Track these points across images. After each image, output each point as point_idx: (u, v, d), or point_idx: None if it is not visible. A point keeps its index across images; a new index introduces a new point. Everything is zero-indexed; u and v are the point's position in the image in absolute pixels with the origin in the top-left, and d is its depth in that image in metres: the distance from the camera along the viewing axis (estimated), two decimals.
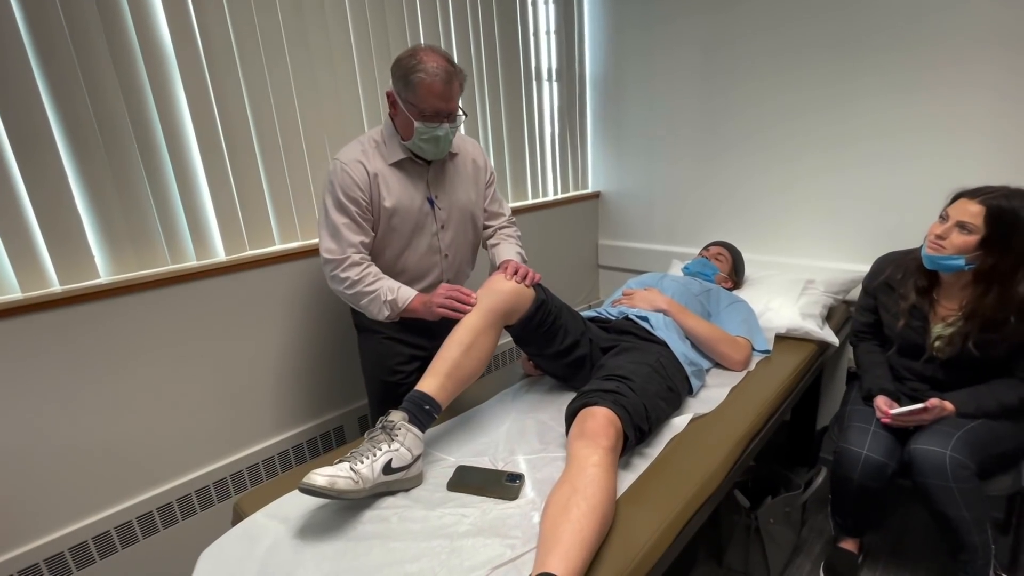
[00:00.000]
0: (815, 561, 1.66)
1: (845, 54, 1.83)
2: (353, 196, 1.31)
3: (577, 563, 0.81)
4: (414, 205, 1.39)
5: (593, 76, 2.52)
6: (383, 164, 1.35)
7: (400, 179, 1.37)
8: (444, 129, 1.31)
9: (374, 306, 1.33)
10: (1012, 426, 1.38)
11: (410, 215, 1.39)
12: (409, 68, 1.25)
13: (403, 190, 1.37)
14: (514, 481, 1.07)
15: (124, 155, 1.31)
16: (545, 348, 1.34)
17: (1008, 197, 1.27)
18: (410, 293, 1.34)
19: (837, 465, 1.45)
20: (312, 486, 0.92)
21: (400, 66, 1.27)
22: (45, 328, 1.23)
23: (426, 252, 1.44)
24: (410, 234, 1.41)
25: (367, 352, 1.52)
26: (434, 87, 1.25)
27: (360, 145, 1.36)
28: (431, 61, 1.25)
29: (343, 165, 1.31)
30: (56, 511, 1.29)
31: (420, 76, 1.24)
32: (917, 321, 1.45)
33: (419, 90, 1.25)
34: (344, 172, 1.31)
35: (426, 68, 1.24)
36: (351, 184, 1.31)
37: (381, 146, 1.36)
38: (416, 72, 1.24)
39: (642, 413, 1.14)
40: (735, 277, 1.96)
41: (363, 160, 1.33)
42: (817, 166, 1.98)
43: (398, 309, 1.33)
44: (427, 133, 1.30)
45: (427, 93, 1.25)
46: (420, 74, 1.24)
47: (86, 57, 1.23)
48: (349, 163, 1.31)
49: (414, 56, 1.25)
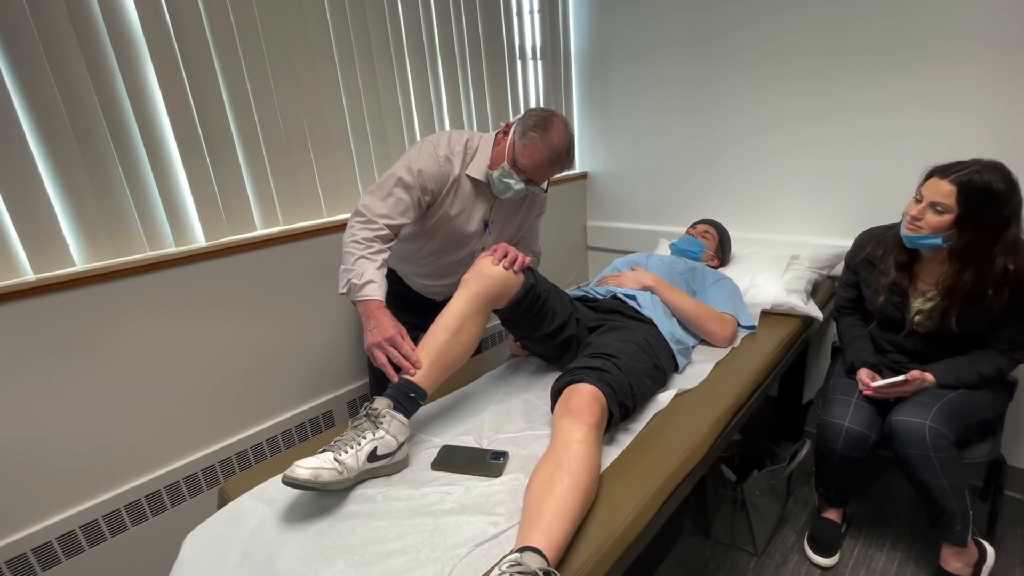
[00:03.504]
0: (800, 531, 1.70)
1: (831, 29, 1.82)
2: (423, 183, 1.35)
3: (559, 537, 0.81)
4: (471, 223, 1.47)
5: (578, 54, 2.48)
6: (462, 171, 1.41)
7: (469, 193, 1.44)
8: (521, 187, 1.39)
9: (342, 277, 1.33)
10: (990, 395, 1.41)
11: (464, 230, 1.46)
12: (538, 124, 1.34)
13: (469, 205, 1.45)
14: (498, 459, 1.08)
15: (95, 140, 1.27)
16: (533, 331, 1.34)
17: (980, 172, 1.25)
18: (372, 295, 1.27)
19: (820, 437, 1.47)
20: (295, 479, 0.91)
21: (533, 116, 1.36)
22: (19, 317, 1.20)
23: (458, 263, 1.51)
24: (455, 244, 1.48)
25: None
26: (539, 155, 1.34)
27: (459, 143, 1.41)
28: (556, 135, 1.34)
29: (435, 151, 1.36)
30: (43, 500, 1.28)
31: (536, 138, 1.33)
32: (897, 296, 1.46)
33: (528, 147, 1.34)
34: (429, 158, 1.35)
35: (548, 137, 1.33)
36: (431, 172, 1.35)
37: (476, 153, 1.43)
38: (539, 131, 1.33)
39: (627, 390, 1.14)
40: (722, 255, 1.96)
41: (452, 158, 1.39)
42: (802, 142, 1.97)
43: (353, 297, 1.30)
44: (507, 178, 1.38)
45: (531, 154, 1.35)
46: (538, 137, 1.33)
47: (50, 39, 1.19)
48: (441, 154, 1.37)
49: (550, 120, 1.35)
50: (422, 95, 1.93)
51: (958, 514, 1.32)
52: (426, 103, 1.95)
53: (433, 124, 1.98)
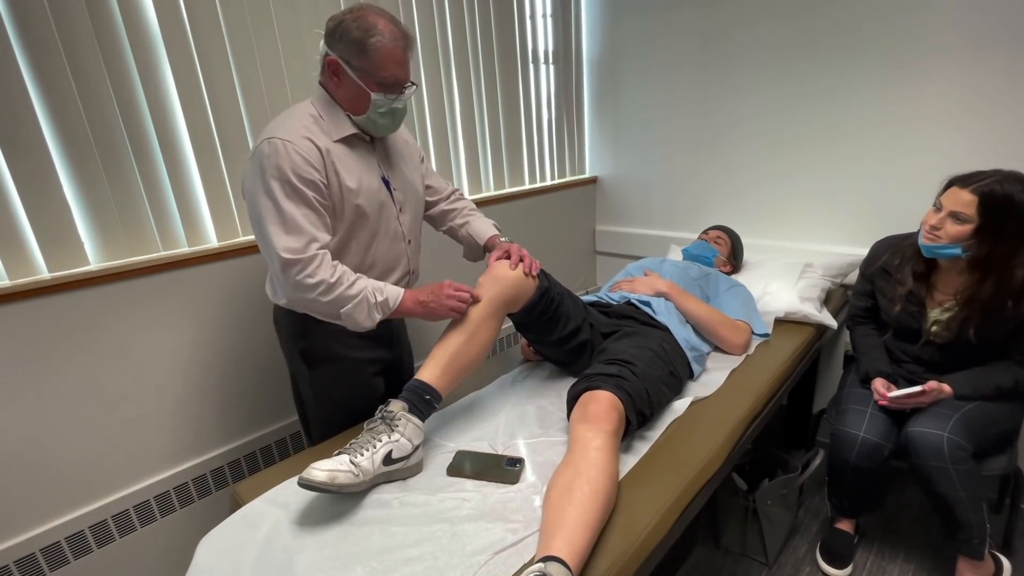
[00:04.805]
0: (811, 542, 1.68)
1: (842, 45, 1.82)
2: (308, 178, 1.08)
3: (581, 546, 0.80)
4: (373, 186, 1.20)
5: (590, 59, 2.48)
6: (328, 141, 1.13)
7: (352, 157, 1.17)
8: (403, 101, 1.17)
9: (359, 312, 1.12)
10: (1007, 407, 1.39)
11: (374, 197, 1.20)
12: (364, 31, 1.08)
13: (360, 169, 1.18)
14: (514, 465, 1.07)
15: (112, 140, 1.27)
16: (547, 335, 1.33)
17: (1001, 182, 1.24)
18: (397, 291, 1.17)
19: (834, 447, 1.46)
20: (311, 481, 0.90)
21: (347, 29, 1.09)
22: (34, 316, 1.20)
23: (392, 240, 1.26)
24: (376, 220, 1.21)
25: (329, 386, 1.28)
26: (395, 53, 1.11)
27: (296, 120, 1.12)
28: (385, 25, 1.10)
29: (286, 143, 1.06)
30: (53, 500, 1.28)
31: (379, 41, 1.08)
32: (914, 306, 1.45)
33: (378, 57, 1.09)
34: (291, 151, 1.06)
35: (383, 32, 1.09)
36: (303, 164, 1.07)
37: (320, 121, 1.14)
38: (373, 36, 1.08)
39: (644, 397, 1.13)
40: (734, 261, 1.96)
41: (309, 136, 1.10)
42: (815, 151, 1.97)
43: (389, 311, 1.15)
44: (385, 106, 1.14)
45: (388, 60, 1.10)
46: (378, 38, 1.08)
47: (71, 39, 1.19)
48: (294, 140, 1.07)
49: (364, 18, 1.09)
50: (435, 98, 1.93)
51: (975, 527, 1.31)
52: (439, 106, 1.95)
53: (446, 126, 1.98)
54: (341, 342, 1.24)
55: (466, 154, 2.08)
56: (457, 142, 2.05)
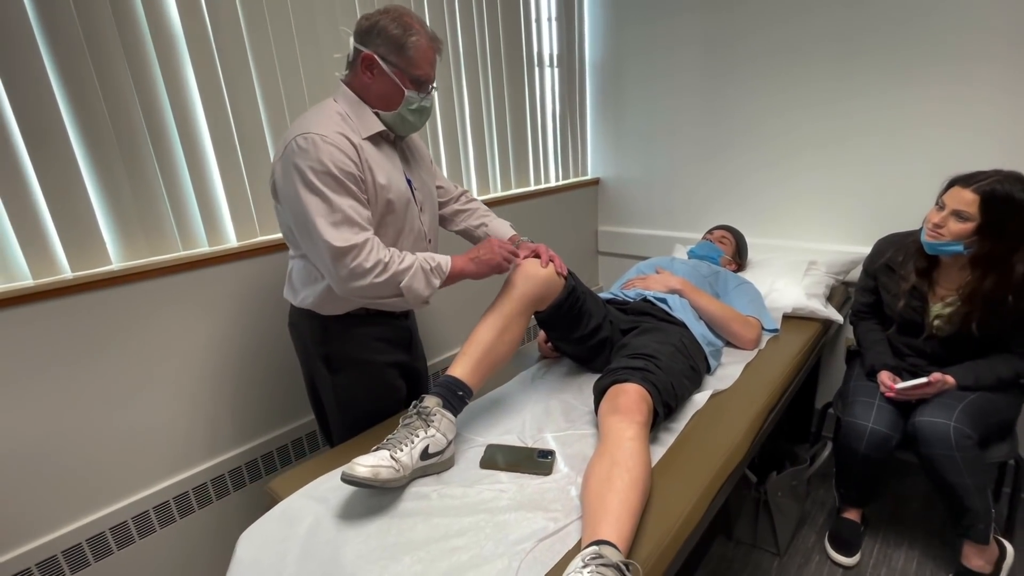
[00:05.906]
0: (819, 531, 1.73)
1: (843, 50, 1.87)
2: (348, 171, 1.09)
3: (627, 531, 0.83)
4: (401, 184, 1.22)
5: (593, 62, 2.52)
6: (358, 138, 1.15)
7: (380, 155, 1.19)
8: (430, 100, 1.22)
9: (418, 281, 1.13)
10: (1007, 397, 1.46)
11: (402, 194, 1.21)
12: (403, 30, 1.12)
13: (388, 166, 1.20)
14: (546, 457, 1.09)
15: (135, 140, 1.27)
16: (570, 332, 1.35)
17: (1001, 182, 1.30)
18: (446, 256, 1.19)
19: (844, 438, 1.50)
20: (355, 476, 0.92)
21: (385, 27, 1.12)
22: (58, 316, 1.19)
23: (416, 238, 1.28)
24: (403, 217, 1.23)
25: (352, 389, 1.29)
26: (429, 53, 1.16)
27: (326, 117, 1.13)
28: (420, 26, 1.15)
29: (323, 137, 1.07)
30: (76, 501, 1.26)
31: (417, 40, 1.13)
32: (916, 301, 1.51)
33: (415, 54, 1.13)
34: (329, 145, 1.07)
35: (420, 32, 1.14)
36: (342, 157, 1.08)
37: (348, 119, 1.15)
38: (412, 35, 1.13)
39: (670, 390, 1.16)
40: (739, 260, 2.00)
41: (342, 131, 1.11)
42: (817, 151, 2.02)
43: (443, 274, 1.17)
44: (416, 103, 1.18)
45: (423, 59, 1.15)
46: (417, 38, 1.13)
47: (96, 41, 1.19)
48: (329, 134, 1.08)
49: (401, 18, 1.13)
50: (446, 100, 1.95)
51: (981, 512, 1.36)
52: (449, 107, 1.97)
53: (455, 127, 2.00)
54: (364, 346, 1.26)
55: (475, 156, 2.11)
56: (467, 143, 2.07)
